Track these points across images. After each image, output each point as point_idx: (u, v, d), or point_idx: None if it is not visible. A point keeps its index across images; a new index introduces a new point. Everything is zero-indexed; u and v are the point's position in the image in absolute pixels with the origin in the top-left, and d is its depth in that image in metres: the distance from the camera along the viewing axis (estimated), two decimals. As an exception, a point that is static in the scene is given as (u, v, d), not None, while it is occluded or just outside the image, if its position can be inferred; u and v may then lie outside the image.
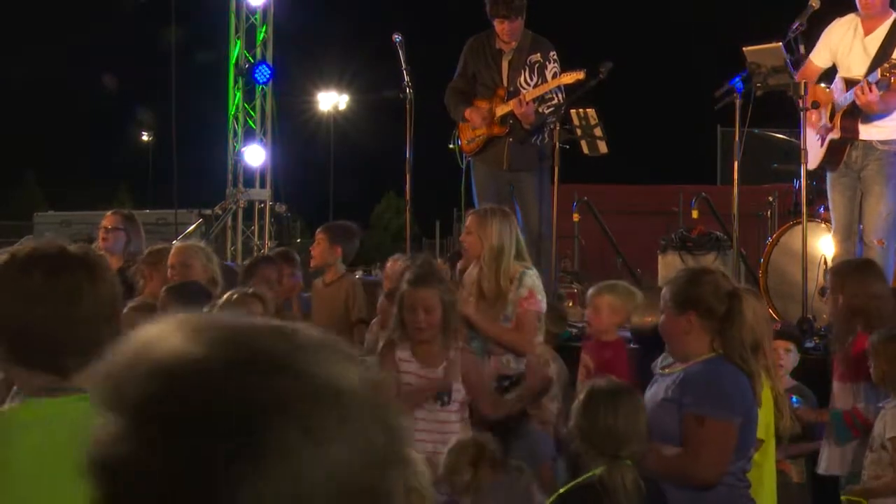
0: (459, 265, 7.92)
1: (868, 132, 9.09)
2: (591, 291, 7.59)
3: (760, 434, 5.73)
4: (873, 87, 8.75)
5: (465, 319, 6.94)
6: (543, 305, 7.60)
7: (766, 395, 5.83)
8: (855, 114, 9.08)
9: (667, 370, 5.36)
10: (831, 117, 9.17)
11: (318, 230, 9.55)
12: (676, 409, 5.14)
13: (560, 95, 10.29)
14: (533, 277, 7.54)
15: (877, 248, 8.92)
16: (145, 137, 59.65)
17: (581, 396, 4.94)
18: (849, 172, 9.21)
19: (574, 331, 8.97)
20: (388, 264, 9.08)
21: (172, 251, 8.53)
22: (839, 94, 9.15)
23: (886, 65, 8.75)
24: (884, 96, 8.83)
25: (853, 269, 7.28)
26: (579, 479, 4.90)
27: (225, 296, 7.12)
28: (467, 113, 10.36)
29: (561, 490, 5.05)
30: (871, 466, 6.32)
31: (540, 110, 10.20)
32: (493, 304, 7.47)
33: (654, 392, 5.33)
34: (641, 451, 4.83)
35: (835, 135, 9.16)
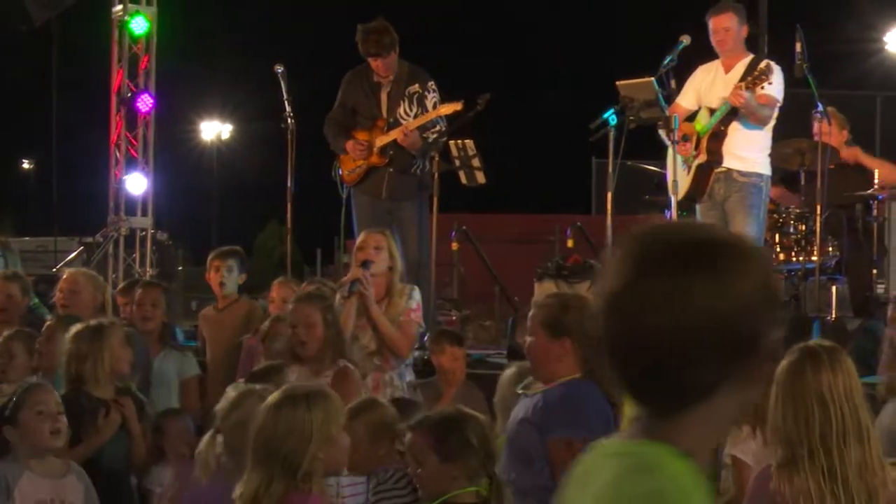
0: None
1: (730, 161, 9.43)
2: None
3: None
4: (743, 91, 9.08)
5: (365, 307, 7.65)
6: (423, 322, 8.18)
7: None
8: (720, 137, 9.41)
9: (530, 390, 5.43)
10: (697, 144, 9.48)
11: (221, 258, 9.15)
12: (536, 432, 5.20)
13: (443, 123, 10.44)
14: (420, 294, 8.14)
15: None
16: (26, 165, 58.90)
17: None
18: (714, 205, 9.53)
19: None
20: (274, 289, 8.99)
21: (64, 277, 8.58)
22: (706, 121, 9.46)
23: (756, 71, 9.10)
24: (757, 98, 9.19)
25: None
26: None
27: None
28: (348, 146, 10.48)
29: None
30: None
31: (425, 136, 10.34)
32: (387, 313, 7.90)
33: (516, 412, 5.39)
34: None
35: (701, 159, 9.46)
